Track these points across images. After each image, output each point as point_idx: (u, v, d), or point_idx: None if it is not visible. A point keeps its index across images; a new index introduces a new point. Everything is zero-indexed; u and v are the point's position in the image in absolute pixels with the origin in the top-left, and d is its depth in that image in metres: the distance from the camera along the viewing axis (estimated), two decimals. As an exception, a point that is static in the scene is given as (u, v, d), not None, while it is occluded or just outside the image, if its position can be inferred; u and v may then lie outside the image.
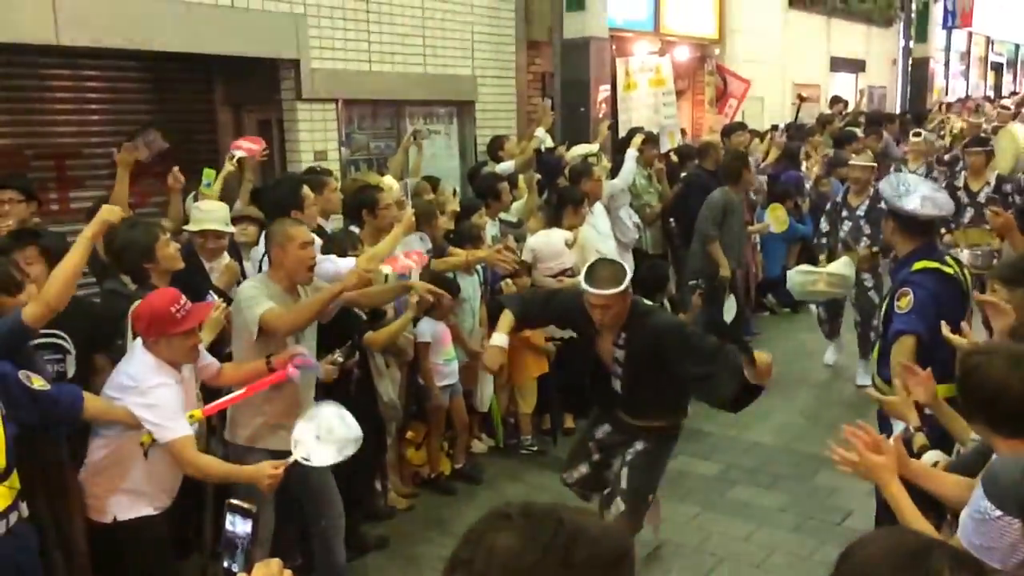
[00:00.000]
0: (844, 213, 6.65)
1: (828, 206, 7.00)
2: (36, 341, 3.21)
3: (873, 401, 3.09)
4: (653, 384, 3.68)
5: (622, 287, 3.46)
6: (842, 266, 6.20)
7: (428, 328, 4.85)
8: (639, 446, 3.83)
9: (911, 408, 2.82)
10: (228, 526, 1.57)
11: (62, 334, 3.47)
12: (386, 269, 3.99)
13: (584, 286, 3.48)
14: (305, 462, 2.34)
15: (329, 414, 2.55)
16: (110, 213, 3.18)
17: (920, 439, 2.75)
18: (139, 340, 3.11)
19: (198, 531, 3.96)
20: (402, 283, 4.11)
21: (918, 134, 9.25)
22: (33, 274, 3.34)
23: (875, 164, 7.02)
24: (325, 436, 2.52)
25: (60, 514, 3.20)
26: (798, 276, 6.30)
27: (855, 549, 1.44)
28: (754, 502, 4.92)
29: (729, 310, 6.73)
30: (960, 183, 7.14)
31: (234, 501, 1.60)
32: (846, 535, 4.28)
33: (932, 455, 2.68)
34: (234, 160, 4.99)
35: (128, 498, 3.12)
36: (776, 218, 7.82)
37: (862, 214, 6.49)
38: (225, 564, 1.58)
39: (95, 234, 3.17)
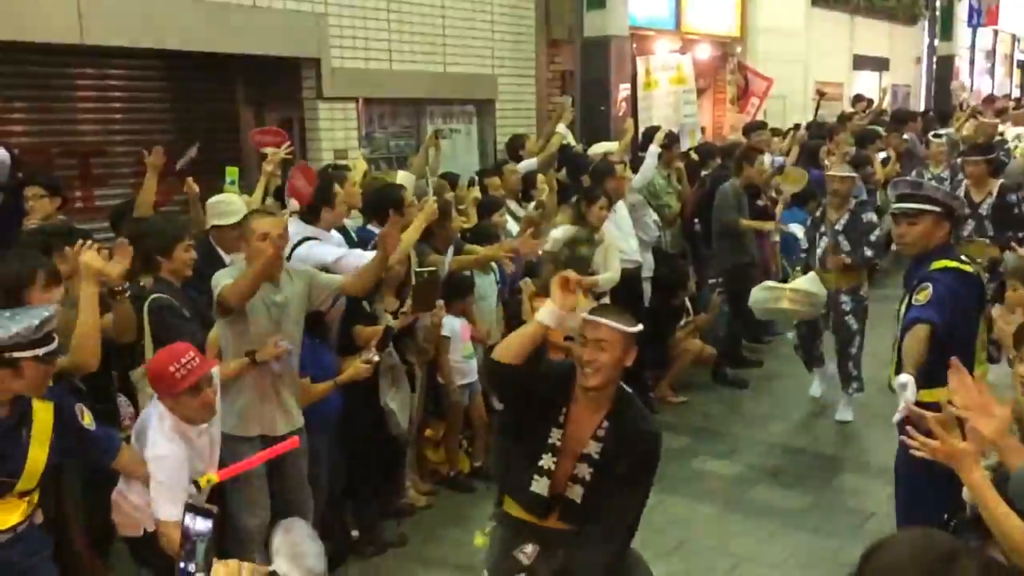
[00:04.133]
0: (822, 228, 5.99)
1: (808, 221, 6.46)
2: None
3: (917, 416, 2.55)
4: (618, 504, 2.80)
5: (629, 328, 2.73)
6: (808, 282, 5.63)
7: (447, 323, 4.85)
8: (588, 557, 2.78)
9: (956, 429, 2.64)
10: (187, 523, 1.56)
11: None
12: None
13: (584, 314, 2.79)
14: None
15: (302, 533, 2.41)
16: (95, 260, 3.08)
17: None
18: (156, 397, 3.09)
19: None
20: (380, 256, 3.89)
21: (939, 135, 8.91)
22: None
23: (855, 175, 6.42)
24: (299, 558, 2.33)
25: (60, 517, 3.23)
26: (759, 293, 5.72)
27: (879, 551, 1.42)
28: (775, 503, 4.89)
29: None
30: (961, 193, 6.51)
31: (192, 503, 1.60)
32: (868, 537, 4.24)
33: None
34: (270, 159, 5.09)
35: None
36: (791, 180, 7.66)
37: (840, 228, 5.87)
38: (181, 565, 1.56)
39: (96, 290, 3.10)
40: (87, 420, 2.84)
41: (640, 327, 2.77)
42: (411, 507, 4.82)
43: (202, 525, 1.55)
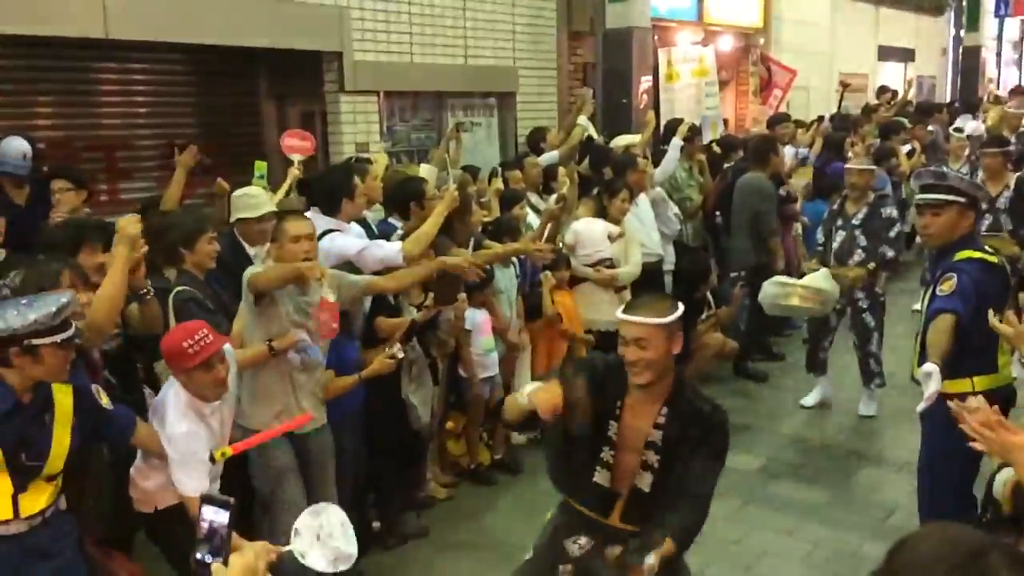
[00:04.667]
0: (839, 222, 5.82)
1: (825, 214, 6.18)
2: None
3: (957, 411, 2.40)
4: (697, 474, 2.73)
5: (664, 319, 2.68)
6: (820, 279, 5.48)
7: (469, 316, 4.84)
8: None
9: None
10: (206, 516, 1.57)
11: None
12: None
13: (618, 314, 2.76)
14: (300, 558, 2.25)
15: (334, 517, 2.44)
16: (131, 225, 3.11)
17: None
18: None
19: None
20: (428, 265, 4.05)
21: (959, 130, 8.70)
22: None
23: (874, 168, 6.23)
24: (324, 539, 2.36)
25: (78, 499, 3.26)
26: (770, 288, 5.59)
27: (907, 545, 1.40)
28: (796, 497, 4.87)
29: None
30: None
31: (209, 494, 1.61)
32: (890, 532, 4.23)
33: (1009, 471, 2.36)
34: (297, 165, 5.16)
35: (169, 489, 3.12)
36: (799, 173, 7.63)
37: (858, 223, 5.73)
38: (198, 556, 1.58)
39: (128, 254, 3.10)
40: (104, 400, 2.90)
41: (679, 312, 2.70)
42: (432, 499, 4.85)
43: (220, 517, 1.57)
